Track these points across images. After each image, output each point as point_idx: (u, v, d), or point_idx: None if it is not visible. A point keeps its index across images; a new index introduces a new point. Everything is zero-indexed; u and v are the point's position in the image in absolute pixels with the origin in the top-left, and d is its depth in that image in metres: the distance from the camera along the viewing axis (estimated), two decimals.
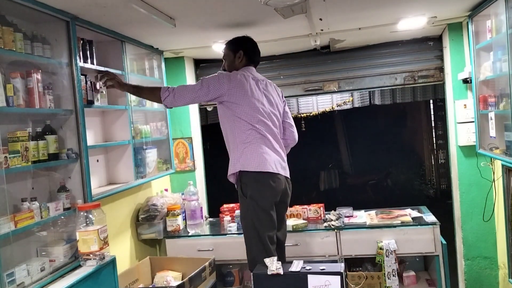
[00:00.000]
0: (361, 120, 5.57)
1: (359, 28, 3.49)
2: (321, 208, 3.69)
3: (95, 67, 2.83)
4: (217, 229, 3.75)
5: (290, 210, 3.60)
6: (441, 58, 3.95)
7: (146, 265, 3.36)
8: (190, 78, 4.25)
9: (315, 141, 5.73)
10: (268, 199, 2.64)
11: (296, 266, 2.36)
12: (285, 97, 2.74)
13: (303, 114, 4.68)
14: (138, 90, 2.91)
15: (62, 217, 2.38)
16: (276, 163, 2.69)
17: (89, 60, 2.78)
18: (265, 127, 2.69)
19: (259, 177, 2.62)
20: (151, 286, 3.23)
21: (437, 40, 3.97)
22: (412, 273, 3.53)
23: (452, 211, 3.90)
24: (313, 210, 3.67)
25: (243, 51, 2.83)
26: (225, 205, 3.99)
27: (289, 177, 2.81)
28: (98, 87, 2.86)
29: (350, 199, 5.05)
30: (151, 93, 2.84)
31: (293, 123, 3.01)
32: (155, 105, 3.63)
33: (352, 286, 3.34)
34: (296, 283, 2.27)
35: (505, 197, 3.14)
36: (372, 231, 3.36)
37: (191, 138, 4.20)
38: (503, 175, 3.14)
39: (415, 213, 3.58)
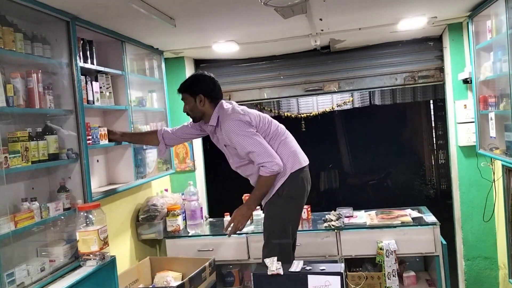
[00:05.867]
0: (361, 120, 5.57)
1: (359, 28, 3.49)
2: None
3: (95, 67, 2.83)
4: (217, 229, 3.75)
5: None
6: (441, 58, 3.94)
7: (146, 265, 3.35)
8: None
9: (315, 142, 5.72)
10: (304, 198, 2.72)
11: (296, 266, 2.36)
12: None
13: (303, 114, 4.68)
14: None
15: (62, 217, 2.38)
16: (301, 153, 2.77)
17: (89, 60, 2.78)
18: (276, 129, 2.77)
19: (297, 173, 2.67)
20: (151, 286, 3.22)
21: (437, 40, 3.97)
22: (412, 273, 3.53)
23: (452, 211, 3.90)
24: None
25: (203, 94, 2.70)
26: None
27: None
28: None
29: (350, 199, 5.05)
30: None
31: None
32: (155, 105, 3.64)
33: (352, 286, 3.34)
34: (296, 283, 2.27)
35: (505, 197, 3.14)
36: (372, 231, 3.36)
37: None
38: (503, 175, 3.14)
39: (415, 213, 3.58)
